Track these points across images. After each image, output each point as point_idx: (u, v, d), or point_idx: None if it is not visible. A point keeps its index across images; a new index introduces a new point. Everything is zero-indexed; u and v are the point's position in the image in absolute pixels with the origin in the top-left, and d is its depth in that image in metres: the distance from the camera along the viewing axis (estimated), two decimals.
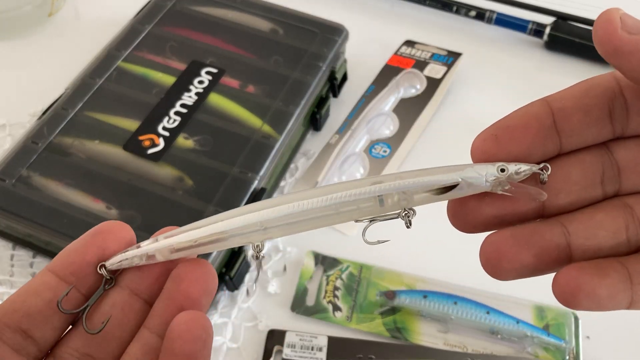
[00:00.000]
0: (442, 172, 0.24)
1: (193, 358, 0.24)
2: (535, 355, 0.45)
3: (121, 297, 0.26)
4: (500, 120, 0.24)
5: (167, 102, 0.52)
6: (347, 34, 0.59)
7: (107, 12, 0.68)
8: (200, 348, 0.24)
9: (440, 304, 0.47)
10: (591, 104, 0.24)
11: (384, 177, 0.25)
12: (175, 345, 0.24)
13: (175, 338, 0.24)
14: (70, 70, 0.57)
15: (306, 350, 0.45)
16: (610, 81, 0.24)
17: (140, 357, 0.25)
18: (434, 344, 0.46)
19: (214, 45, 0.57)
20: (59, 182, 0.47)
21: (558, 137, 0.24)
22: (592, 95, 0.24)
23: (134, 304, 0.26)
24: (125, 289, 0.26)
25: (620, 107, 0.24)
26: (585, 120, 0.24)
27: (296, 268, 0.50)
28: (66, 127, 0.50)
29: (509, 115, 0.24)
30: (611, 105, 0.24)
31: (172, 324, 0.24)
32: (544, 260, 0.24)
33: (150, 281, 0.26)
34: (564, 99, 0.24)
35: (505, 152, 0.24)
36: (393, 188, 0.24)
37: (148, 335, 0.25)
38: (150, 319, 0.25)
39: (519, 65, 0.65)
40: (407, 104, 0.60)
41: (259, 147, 0.50)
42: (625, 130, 0.24)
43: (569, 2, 0.67)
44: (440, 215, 0.28)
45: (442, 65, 0.62)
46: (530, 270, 0.24)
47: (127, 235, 0.26)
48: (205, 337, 0.24)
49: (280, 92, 0.54)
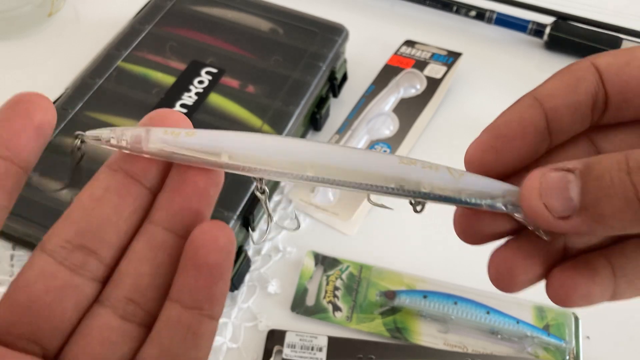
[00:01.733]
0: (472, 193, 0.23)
1: (218, 270, 0.22)
2: (536, 355, 0.45)
3: (115, 180, 0.23)
4: (495, 126, 0.24)
5: (167, 102, 0.52)
6: (347, 34, 0.59)
7: (107, 12, 0.68)
8: (225, 259, 0.22)
9: (441, 304, 0.47)
10: (579, 101, 0.24)
11: (412, 172, 0.24)
12: (198, 255, 0.22)
13: (200, 247, 0.22)
14: (70, 70, 0.57)
15: (306, 350, 0.45)
16: (593, 74, 0.24)
17: (148, 254, 0.23)
18: (434, 344, 0.46)
19: (213, 45, 0.57)
20: (59, 182, 0.47)
21: (550, 137, 0.24)
22: (580, 92, 0.24)
23: (131, 187, 0.23)
24: (118, 172, 0.24)
25: (601, 99, 0.24)
26: (573, 118, 0.24)
27: (296, 268, 0.50)
28: (66, 127, 0.50)
29: (504, 121, 0.24)
30: (594, 100, 0.24)
31: (194, 232, 0.22)
32: (550, 266, 0.24)
33: (145, 164, 0.24)
34: (554, 96, 0.24)
35: (504, 163, 0.24)
36: (419, 195, 0.23)
37: (154, 229, 0.23)
38: (154, 212, 0.23)
39: (519, 65, 0.65)
40: (407, 104, 0.60)
41: None
42: (601, 119, 0.24)
43: (569, 2, 0.67)
44: (441, 215, 0.28)
45: (442, 65, 0.62)
46: (540, 278, 0.24)
47: (49, 105, 0.23)
48: (230, 248, 0.22)
49: (280, 92, 0.54)
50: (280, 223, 0.53)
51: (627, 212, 0.20)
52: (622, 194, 0.19)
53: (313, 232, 0.52)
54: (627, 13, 0.67)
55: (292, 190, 0.54)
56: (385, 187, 0.23)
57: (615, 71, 0.23)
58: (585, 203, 0.20)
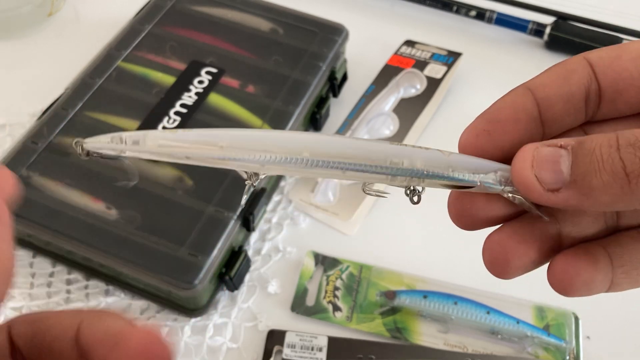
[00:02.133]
0: (464, 169, 0.24)
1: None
2: (536, 355, 0.45)
3: None
4: (488, 112, 0.24)
5: (167, 102, 0.52)
6: (347, 33, 0.59)
7: (106, 12, 0.68)
8: None
9: (441, 304, 0.47)
10: (571, 92, 0.24)
11: (403, 151, 0.24)
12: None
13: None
14: (70, 70, 0.57)
15: (306, 350, 0.45)
16: (585, 67, 0.24)
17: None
18: (434, 344, 0.46)
19: (213, 45, 0.57)
20: (59, 182, 0.47)
21: (542, 126, 0.24)
22: (572, 83, 0.24)
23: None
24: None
25: (594, 93, 0.24)
26: (565, 109, 0.24)
27: (296, 268, 0.50)
28: (66, 127, 0.50)
29: (497, 107, 0.24)
30: (587, 92, 0.24)
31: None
32: (545, 252, 0.24)
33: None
34: (546, 86, 0.24)
35: (497, 147, 0.24)
36: (411, 172, 0.24)
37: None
38: None
39: (519, 65, 0.65)
40: (407, 104, 0.59)
41: None
42: (596, 114, 0.25)
43: (570, 2, 0.67)
44: (440, 215, 0.28)
45: (442, 65, 0.62)
46: (535, 264, 0.24)
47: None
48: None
49: (280, 92, 0.54)
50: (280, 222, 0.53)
51: (615, 186, 0.20)
52: (611, 168, 0.20)
53: (313, 232, 0.52)
54: (627, 13, 0.67)
55: (292, 190, 0.54)
56: (378, 167, 0.24)
57: (606, 64, 0.24)
58: (575, 176, 0.21)
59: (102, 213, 0.45)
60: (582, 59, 0.24)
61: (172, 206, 0.46)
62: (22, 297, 0.47)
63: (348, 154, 0.24)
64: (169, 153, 0.24)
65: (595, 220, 0.24)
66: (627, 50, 0.24)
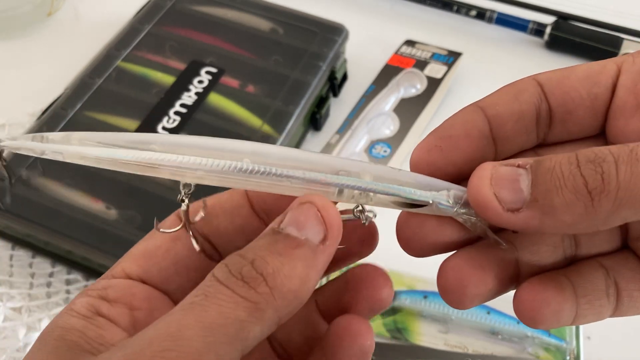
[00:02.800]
0: (416, 186, 0.22)
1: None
2: (536, 355, 0.45)
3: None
4: (440, 128, 0.24)
5: (167, 102, 0.52)
6: (347, 33, 0.59)
7: (106, 12, 0.68)
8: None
9: (441, 304, 0.47)
10: (522, 110, 0.23)
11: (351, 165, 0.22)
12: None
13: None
14: (69, 70, 0.57)
15: None
16: (535, 86, 0.24)
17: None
18: (434, 345, 0.46)
19: (213, 45, 0.57)
20: (59, 182, 0.47)
21: (495, 145, 0.24)
22: (522, 101, 0.23)
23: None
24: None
25: (545, 112, 0.24)
26: (517, 127, 0.24)
27: None
28: (65, 127, 0.50)
29: (448, 124, 0.24)
30: (538, 112, 0.24)
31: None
32: (504, 281, 0.23)
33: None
34: (496, 104, 0.24)
35: (449, 163, 0.23)
36: (358, 186, 0.22)
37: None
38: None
39: (519, 65, 0.65)
40: (408, 104, 0.59)
41: None
42: (548, 136, 0.24)
43: (570, 2, 0.67)
44: None
45: (442, 65, 0.62)
46: (493, 294, 0.23)
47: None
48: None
49: (280, 91, 0.54)
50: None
51: (578, 204, 0.19)
52: (572, 185, 0.19)
53: None
54: (627, 13, 0.67)
55: None
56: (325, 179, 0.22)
57: (554, 84, 0.23)
58: (536, 195, 0.20)
59: (102, 213, 0.45)
60: (531, 80, 0.24)
61: (172, 206, 0.46)
62: (21, 297, 0.47)
63: (294, 163, 0.22)
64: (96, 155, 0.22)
65: (554, 248, 0.23)
66: (575, 72, 0.23)
